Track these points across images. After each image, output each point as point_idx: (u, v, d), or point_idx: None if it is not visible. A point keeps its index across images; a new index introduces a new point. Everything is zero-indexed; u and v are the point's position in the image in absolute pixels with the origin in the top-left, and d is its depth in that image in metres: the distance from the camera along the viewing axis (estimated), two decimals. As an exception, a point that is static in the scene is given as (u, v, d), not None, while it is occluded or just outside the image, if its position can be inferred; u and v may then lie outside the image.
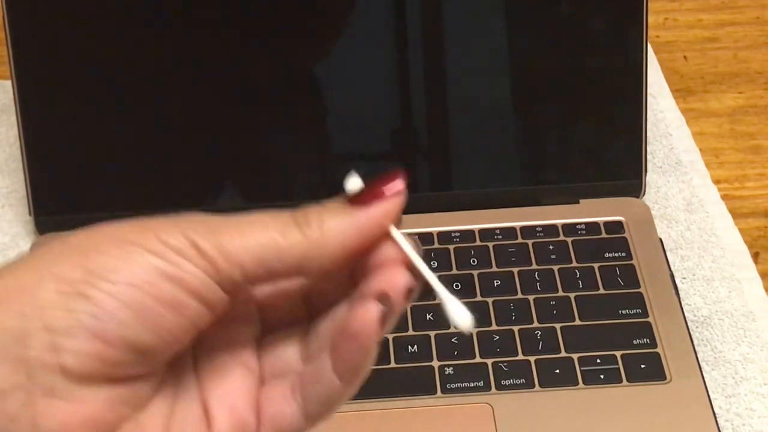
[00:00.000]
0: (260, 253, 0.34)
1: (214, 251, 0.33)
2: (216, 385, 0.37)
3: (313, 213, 0.35)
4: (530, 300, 0.63)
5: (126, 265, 0.33)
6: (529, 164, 0.70)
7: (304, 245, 0.34)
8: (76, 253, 0.33)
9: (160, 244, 0.33)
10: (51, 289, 0.32)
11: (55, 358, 0.32)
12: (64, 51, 0.67)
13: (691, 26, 0.89)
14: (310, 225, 0.34)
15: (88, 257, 0.33)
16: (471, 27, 0.68)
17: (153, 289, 0.33)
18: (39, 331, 0.32)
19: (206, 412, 0.36)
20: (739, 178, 0.76)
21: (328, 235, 0.34)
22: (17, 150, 0.71)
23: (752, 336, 0.64)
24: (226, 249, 0.33)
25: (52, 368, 0.32)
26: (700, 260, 0.69)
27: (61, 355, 0.32)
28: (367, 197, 0.35)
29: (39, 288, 0.32)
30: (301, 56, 0.68)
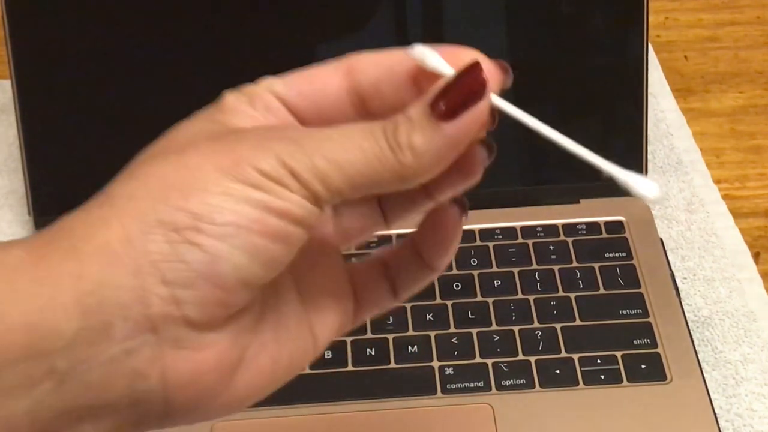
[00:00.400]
0: (358, 181, 0.33)
1: (313, 179, 0.33)
2: (314, 280, 0.38)
3: (402, 132, 0.33)
4: (530, 300, 0.63)
5: (230, 205, 0.32)
6: (530, 164, 0.70)
7: (399, 171, 0.33)
8: (177, 193, 0.33)
9: (258, 174, 0.32)
10: (161, 240, 0.32)
11: (177, 311, 0.32)
12: (64, 51, 0.67)
13: (692, 26, 0.89)
14: (402, 149, 0.33)
15: (189, 198, 0.32)
16: (471, 26, 0.68)
17: (260, 226, 0.32)
18: (157, 287, 0.32)
19: (311, 308, 0.37)
20: (740, 178, 0.76)
21: (422, 159, 0.33)
22: (16, 150, 0.71)
23: (753, 336, 0.64)
24: (324, 176, 0.33)
25: (176, 321, 0.32)
26: (700, 260, 0.69)
27: (183, 307, 0.32)
28: (453, 105, 0.33)
29: (149, 240, 0.32)
30: (303, 56, 0.68)
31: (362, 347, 0.61)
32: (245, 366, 0.35)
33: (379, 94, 0.36)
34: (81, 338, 0.32)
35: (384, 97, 0.36)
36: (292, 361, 0.36)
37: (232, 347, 0.34)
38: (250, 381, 0.35)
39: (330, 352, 0.61)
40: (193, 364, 0.33)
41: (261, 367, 0.35)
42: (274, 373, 0.36)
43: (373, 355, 0.61)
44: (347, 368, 0.60)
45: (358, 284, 0.39)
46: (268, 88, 0.37)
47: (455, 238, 0.38)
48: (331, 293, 0.38)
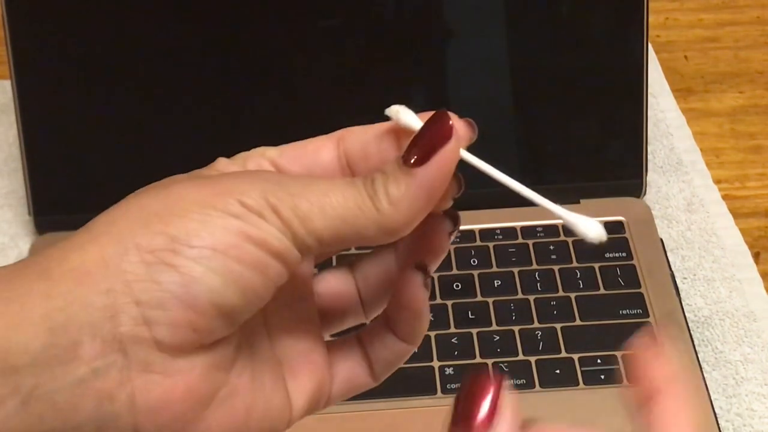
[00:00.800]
0: (338, 226, 0.34)
1: (294, 218, 0.33)
2: (291, 343, 0.37)
3: (378, 183, 0.34)
4: (530, 300, 0.63)
5: (208, 229, 0.32)
6: (530, 164, 0.70)
7: (379, 220, 0.34)
8: (156, 219, 0.33)
9: (241, 206, 0.33)
10: (136, 261, 0.32)
11: (147, 332, 0.32)
12: (64, 51, 0.67)
13: (692, 26, 0.89)
14: (379, 198, 0.34)
15: (168, 223, 0.32)
16: (471, 26, 0.68)
17: (237, 252, 0.32)
18: (129, 306, 0.31)
19: (287, 370, 0.37)
20: (740, 178, 0.76)
21: (399, 206, 0.34)
22: (16, 150, 0.71)
23: (753, 336, 0.64)
24: (305, 217, 0.33)
25: (146, 343, 0.32)
26: (700, 260, 0.69)
27: (154, 329, 0.32)
28: (422, 152, 0.34)
29: (123, 260, 0.32)
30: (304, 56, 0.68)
31: (362, 347, 0.61)
32: (217, 405, 0.34)
33: (365, 159, 0.37)
34: (48, 356, 0.31)
35: (370, 161, 0.37)
36: (267, 418, 0.36)
37: (203, 380, 0.33)
38: (222, 422, 0.34)
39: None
40: (162, 391, 0.32)
41: (234, 412, 0.34)
42: (247, 423, 0.35)
43: (373, 355, 0.61)
44: (347, 368, 0.60)
45: (335, 358, 0.39)
46: (262, 154, 0.38)
47: (422, 306, 0.38)
48: (307, 359, 0.38)
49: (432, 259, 0.38)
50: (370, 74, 0.68)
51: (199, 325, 0.32)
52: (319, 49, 0.68)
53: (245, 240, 0.33)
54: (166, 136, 0.69)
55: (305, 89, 0.69)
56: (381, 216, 0.34)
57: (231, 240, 0.32)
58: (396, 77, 0.69)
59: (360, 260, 0.40)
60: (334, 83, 0.69)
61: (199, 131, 0.69)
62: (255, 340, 0.36)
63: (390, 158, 0.35)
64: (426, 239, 0.38)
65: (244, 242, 0.33)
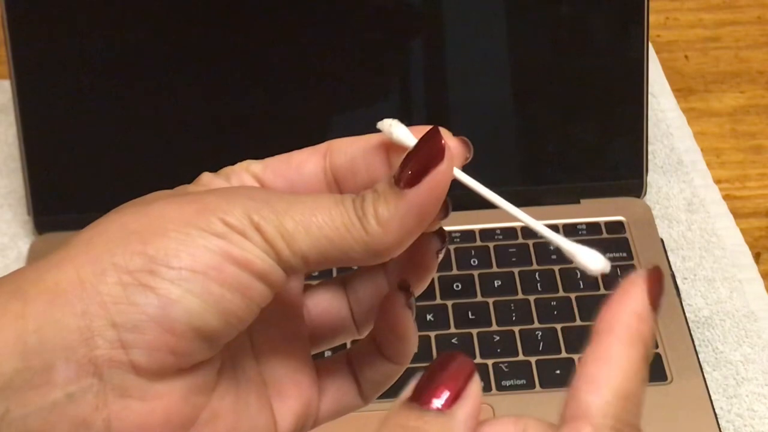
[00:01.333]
0: (324, 246, 0.32)
1: (278, 238, 0.32)
2: (278, 363, 0.36)
3: (368, 203, 0.33)
4: (531, 300, 0.63)
5: (188, 249, 0.31)
6: (530, 164, 0.70)
7: (366, 241, 0.33)
8: (136, 238, 0.31)
9: (223, 225, 0.32)
10: (113, 282, 0.31)
11: (124, 356, 0.31)
12: (64, 51, 0.67)
13: (693, 26, 0.89)
14: (368, 219, 0.32)
15: (147, 242, 0.31)
16: (472, 27, 0.68)
17: (218, 273, 0.31)
18: (105, 329, 0.30)
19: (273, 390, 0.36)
20: (741, 178, 0.76)
21: (387, 228, 0.32)
22: (16, 150, 0.71)
23: (753, 336, 0.64)
24: (290, 236, 0.32)
25: (123, 366, 0.31)
26: (701, 260, 0.69)
27: (131, 352, 0.31)
28: (414, 172, 0.33)
29: (100, 281, 0.31)
30: (304, 55, 0.68)
31: (362, 347, 0.61)
32: (198, 429, 0.33)
33: (353, 174, 0.36)
34: (20, 379, 0.30)
35: (358, 177, 0.36)
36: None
37: (183, 404, 0.32)
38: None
39: (330, 353, 0.60)
40: (139, 416, 0.31)
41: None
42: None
43: (373, 355, 0.61)
44: (347, 368, 0.60)
45: (323, 378, 0.38)
46: (246, 168, 0.37)
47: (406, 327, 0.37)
48: (294, 380, 0.37)
49: (419, 278, 0.38)
50: (370, 74, 0.68)
51: (178, 348, 0.31)
52: (317, 50, 0.68)
53: (227, 260, 0.32)
54: (166, 136, 0.69)
55: (304, 89, 0.69)
56: (369, 237, 0.32)
57: (212, 260, 0.31)
58: (396, 77, 0.69)
59: (352, 277, 0.39)
60: (333, 83, 0.69)
61: (199, 131, 0.69)
62: (239, 360, 0.35)
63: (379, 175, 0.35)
64: (413, 258, 0.37)
65: (226, 263, 0.32)
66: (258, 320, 0.34)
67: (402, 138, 0.34)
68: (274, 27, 0.67)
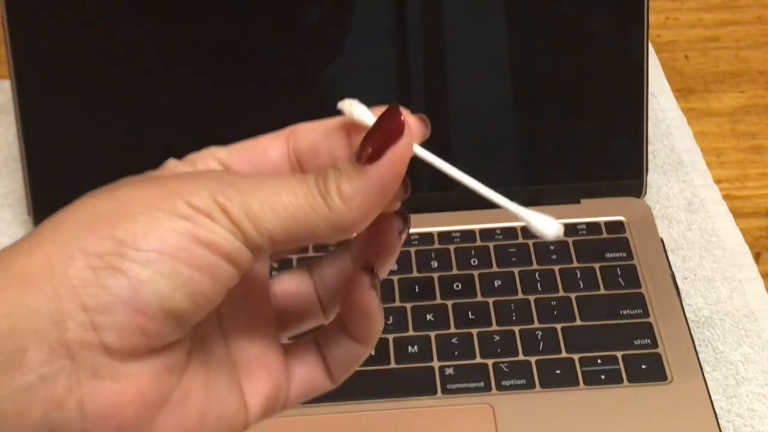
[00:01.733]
0: (290, 225, 0.33)
1: (244, 219, 0.33)
2: (246, 345, 0.37)
3: (331, 181, 0.34)
4: (531, 300, 0.63)
5: (155, 232, 0.32)
6: (530, 164, 0.70)
7: (331, 218, 0.34)
8: (103, 222, 0.32)
9: (189, 207, 0.32)
10: (82, 266, 0.31)
11: (95, 337, 0.31)
12: (64, 51, 0.67)
13: (693, 25, 0.89)
14: (331, 195, 0.34)
15: (115, 226, 0.32)
16: (471, 27, 0.68)
17: (185, 254, 0.32)
18: (75, 312, 0.31)
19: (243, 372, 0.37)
20: (741, 178, 0.76)
21: (350, 205, 0.34)
22: (16, 150, 0.71)
23: (753, 336, 0.64)
24: (256, 217, 0.33)
25: (95, 348, 0.31)
26: (701, 260, 0.69)
27: (102, 334, 0.31)
28: (375, 149, 0.34)
29: (69, 266, 0.31)
30: (303, 55, 0.68)
31: (362, 347, 0.61)
32: (170, 409, 0.34)
33: (315, 156, 0.37)
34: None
35: (320, 159, 0.37)
36: (222, 421, 0.36)
37: (154, 384, 0.33)
38: (176, 426, 0.34)
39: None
40: (112, 395, 0.32)
41: (187, 415, 0.34)
42: (201, 426, 0.35)
43: (374, 355, 0.61)
44: (347, 368, 0.60)
45: (292, 360, 0.39)
46: (211, 154, 0.37)
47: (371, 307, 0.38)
48: (263, 362, 0.37)
49: (384, 259, 0.38)
50: (369, 74, 0.68)
51: (148, 329, 0.32)
52: (314, 48, 0.68)
53: (194, 242, 0.32)
54: (166, 136, 0.69)
55: (300, 86, 0.69)
56: (333, 214, 0.33)
57: (179, 242, 0.32)
58: (396, 77, 0.69)
59: (317, 262, 0.40)
60: (333, 84, 0.69)
61: (202, 130, 0.69)
62: (209, 342, 0.36)
63: (340, 155, 0.36)
64: (377, 239, 0.38)
65: (193, 244, 0.32)
66: (226, 303, 0.35)
67: (362, 117, 0.35)
68: (269, 21, 0.67)
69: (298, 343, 0.39)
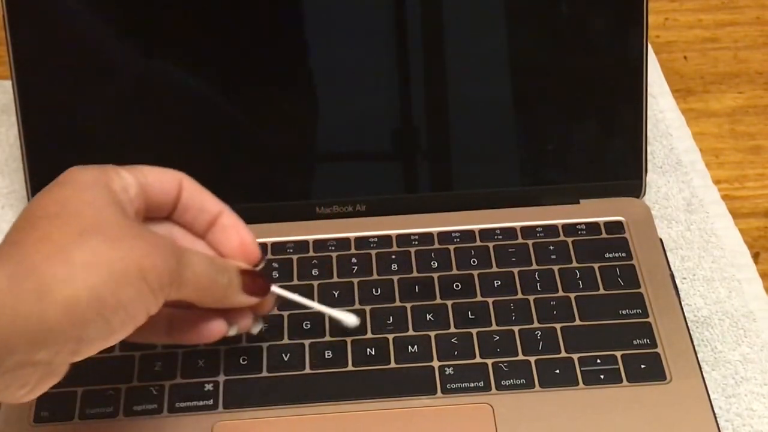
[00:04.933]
0: (198, 294, 0.53)
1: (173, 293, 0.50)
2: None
3: (232, 290, 0.54)
4: (530, 300, 0.63)
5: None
6: (529, 164, 0.70)
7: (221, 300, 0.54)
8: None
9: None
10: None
11: None
12: (64, 51, 0.67)
13: (692, 26, 0.89)
14: (228, 296, 0.54)
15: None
16: (471, 26, 0.68)
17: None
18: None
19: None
20: (739, 179, 0.76)
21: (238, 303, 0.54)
22: (17, 150, 0.71)
23: (752, 336, 0.64)
24: (183, 287, 0.51)
25: None
26: (700, 260, 0.69)
27: None
28: (253, 291, 0.55)
29: None
30: (301, 54, 0.68)
31: (362, 347, 0.61)
32: None
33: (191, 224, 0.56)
34: None
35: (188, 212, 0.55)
36: None
37: None
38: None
39: (330, 352, 0.61)
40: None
41: None
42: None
43: (373, 355, 0.61)
44: (347, 368, 0.60)
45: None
46: (117, 172, 0.52)
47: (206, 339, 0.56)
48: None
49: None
50: (370, 74, 0.68)
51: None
52: (316, 49, 0.68)
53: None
54: (166, 136, 0.69)
55: (300, 87, 0.69)
56: (226, 299, 0.54)
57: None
58: (396, 77, 0.69)
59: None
60: (333, 83, 0.69)
61: (201, 131, 0.69)
62: None
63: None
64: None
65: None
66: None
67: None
68: (273, 22, 0.67)
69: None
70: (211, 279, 0.51)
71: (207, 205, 0.55)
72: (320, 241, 0.67)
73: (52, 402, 0.58)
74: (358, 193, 0.69)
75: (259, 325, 0.58)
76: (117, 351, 0.60)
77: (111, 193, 0.50)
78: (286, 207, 0.69)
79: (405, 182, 0.70)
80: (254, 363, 0.60)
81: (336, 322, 0.60)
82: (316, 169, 0.70)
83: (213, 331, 0.54)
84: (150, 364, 0.60)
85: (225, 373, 0.60)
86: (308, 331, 0.62)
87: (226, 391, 0.59)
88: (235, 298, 0.53)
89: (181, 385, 0.59)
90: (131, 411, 0.58)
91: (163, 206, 0.54)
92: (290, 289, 0.59)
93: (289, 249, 0.67)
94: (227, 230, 0.55)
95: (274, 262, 0.66)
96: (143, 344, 0.57)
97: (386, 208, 0.69)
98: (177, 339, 0.55)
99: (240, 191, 0.69)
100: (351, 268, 0.66)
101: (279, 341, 0.61)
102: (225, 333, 0.55)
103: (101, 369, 0.59)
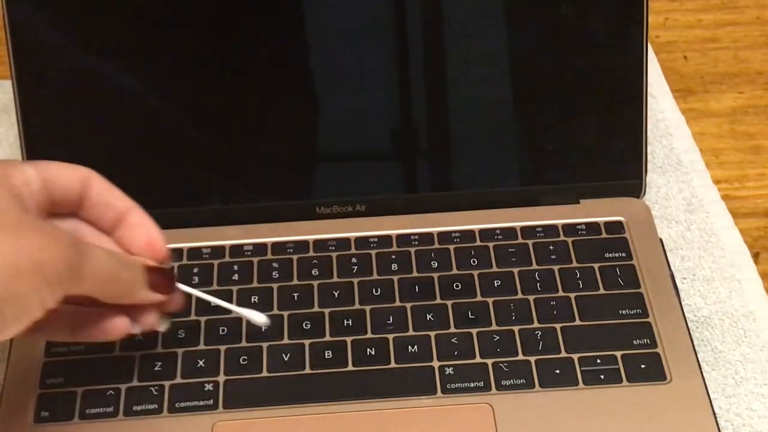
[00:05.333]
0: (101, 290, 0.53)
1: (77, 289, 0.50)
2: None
3: (139, 287, 0.54)
4: (530, 300, 0.63)
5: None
6: (529, 164, 0.70)
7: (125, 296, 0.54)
8: None
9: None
10: None
11: None
12: (64, 51, 0.67)
13: (692, 26, 0.89)
14: (138, 287, 0.54)
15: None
16: (471, 26, 0.68)
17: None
18: None
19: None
20: (739, 178, 0.76)
21: (134, 287, 0.54)
22: (17, 150, 0.71)
23: (752, 336, 0.64)
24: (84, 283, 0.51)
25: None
26: (700, 260, 0.69)
27: None
28: (159, 288, 0.55)
29: None
30: (302, 54, 0.68)
31: (362, 347, 0.61)
32: None
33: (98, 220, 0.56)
34: None
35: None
36: None
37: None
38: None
39: (330, 352, 0.61)
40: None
41: None
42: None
43: (373, 355, 0.61)
44: (347, 368, 0.60)
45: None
46: (21, 170, 0.52)
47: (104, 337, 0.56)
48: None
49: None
50: (370, 74, 0.68)
51: None
52: (316, 49, 0.68)
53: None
54: (167, 136, 0.69)
55: (300, 86, 0.69)
56: (132, 295, 0.54)
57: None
58: (395, 77, 0.69)
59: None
60: (332, 83, 0.69)
61: (199, 131, 0.69)
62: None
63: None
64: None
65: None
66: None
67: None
68: (273, 22, 0.67)
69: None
70: (113, 274, 0.51)
71: (115, 202, 0.55)
72: (320, 241, 0.67)
73: (52, 402, 0.58)
74: (358, 193, 0.69)
75: (167, 323, 0.57)
76: (117, 351, 0.60)
77: (10, 187, 0.49)
78: (287, 207, 0.69)
79: (405, 182, 0.70)
80: (254, 363, 0.60)
81: (248, 321, 0.59)
82: (316, 169, 0.70)
83: (116, 328, 0.54)
84: (150, 364, 0.60)
85: (225, 373, 0.60)
86: (308, 331, 0.62)
87: (226, 391, 0.59)
88: (140, 294, 0.53)
89: (181, 385, 0.59)
90: (131, 411, 0.58)
91: (67, 202, 0.54)
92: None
93: (290, 249, 0.67)
94: (135, 228, 0.55)
95: (274, 262, 0.66)
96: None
97: (386, 208, 0.69)
98: (80, 337, 0.55)
99: (240, 191, 0.69)
100: (351, 268, 0.66)
101: (279, 341, 0.61)
102: (129, 330, 0.55)
103: (101, 369, 0.59)
